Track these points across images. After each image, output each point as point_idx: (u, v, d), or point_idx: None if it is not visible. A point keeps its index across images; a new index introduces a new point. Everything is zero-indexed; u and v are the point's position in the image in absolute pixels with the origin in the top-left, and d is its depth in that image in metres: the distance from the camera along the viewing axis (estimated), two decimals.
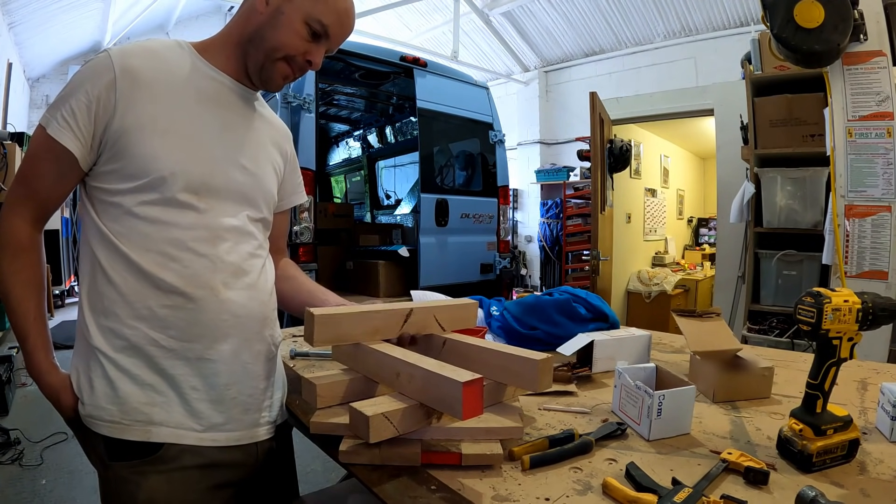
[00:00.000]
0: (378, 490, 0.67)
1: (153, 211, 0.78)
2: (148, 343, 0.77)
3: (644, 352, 1.21)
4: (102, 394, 0.76)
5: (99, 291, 0.78)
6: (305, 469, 2.26)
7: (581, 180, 5.82)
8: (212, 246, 0.81)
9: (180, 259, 0.78)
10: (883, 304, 0.72)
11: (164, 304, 0.77)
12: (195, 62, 0.84)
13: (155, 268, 0.77)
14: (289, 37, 0.82)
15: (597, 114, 3.48)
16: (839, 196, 2.21)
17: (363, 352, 0.85)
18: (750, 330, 2.82)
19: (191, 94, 0.82)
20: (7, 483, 2.22)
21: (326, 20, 0.83)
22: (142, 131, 0.77)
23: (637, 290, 5.38)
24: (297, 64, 0.85)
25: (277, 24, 0.82)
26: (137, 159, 0.77)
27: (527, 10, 5.93)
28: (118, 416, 0.76)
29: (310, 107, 3.01)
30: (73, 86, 0.77)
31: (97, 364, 0.77)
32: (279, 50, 0.83)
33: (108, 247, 0.78)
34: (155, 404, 0.77)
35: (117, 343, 0.77)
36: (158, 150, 0.77)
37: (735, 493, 0.65)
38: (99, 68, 0.77)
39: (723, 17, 4.91)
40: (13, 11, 4.96)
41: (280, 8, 0.81)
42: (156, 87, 0.79)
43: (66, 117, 0.76)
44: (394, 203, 5.68)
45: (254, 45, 0.84)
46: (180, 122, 0.80)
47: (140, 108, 0.77)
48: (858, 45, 2.11)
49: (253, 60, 0.85)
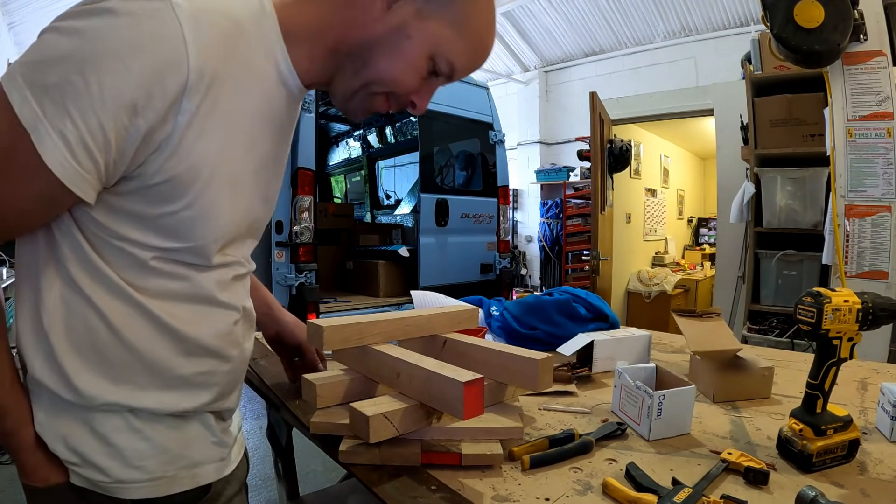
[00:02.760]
0: (378, 490, 0.67)
1: (185, 270, 0.60)
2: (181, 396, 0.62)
3: (644, 352, 1.21)
4: (133, 451, 0.58)
5: (95, 346, 0.56)
6: (305, 469, 2.26)
7: (581, 180, 5.82)
8: (234, 295, 0.67)
9: (211, 316, 0.63)
10: (883, 304, 0.72)
11: (196, 369, 0.62)
12: (277, 55, 0.60)
13: (188, 328, 0.60)
14: (404, 73, 0.62)
15: (597, 114, 3.48)
16: (839, 196, 2.21)
17: (363, 352, 0.85)
18: (750, 330, 2.82)
19: (259, 113, 0.60)
20: (7, 483, 2.22)
21: (460, 62, 0.63)
22: (196, 182, 0.54)
23: (637, 290, 5.38)
24: (399, 102, 0.66)
25: (395, 50, 0.60)
26: (178, 218, 0.55)
27: (527, 10, 5.92)
28: (160, 469, 0.60)
29: (310, 107, 3.01)
30: (106, 72, 0.47)
31: (114, 418, 0.58)
32: (386, 85, 0.62)
33: (117, 296, 0.56)
34: (190, 441, 0.63)
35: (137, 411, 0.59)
36: (209, 210, 0.57)
37: (735, 493, 0.65)
38: (163, 57, 0.48)
39: (723, 17, 4.91)
40: (13, 11, 4.96)
41: (405, 28, 0.59)
42: (231, 103, 0.55)
43: (92, 148, 0.48)
44: (394, 203, 5.68)
45: (354, 63, 0.62)
46: (239, 163, 0.59)
47: (204, 143, 0.54)
48: (858, 45, 2.11)
49: (346, 83, 0.63)
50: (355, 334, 0.83)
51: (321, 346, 0.81)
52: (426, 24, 0.59)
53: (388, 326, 0.87)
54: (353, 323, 0.84)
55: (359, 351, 0.86)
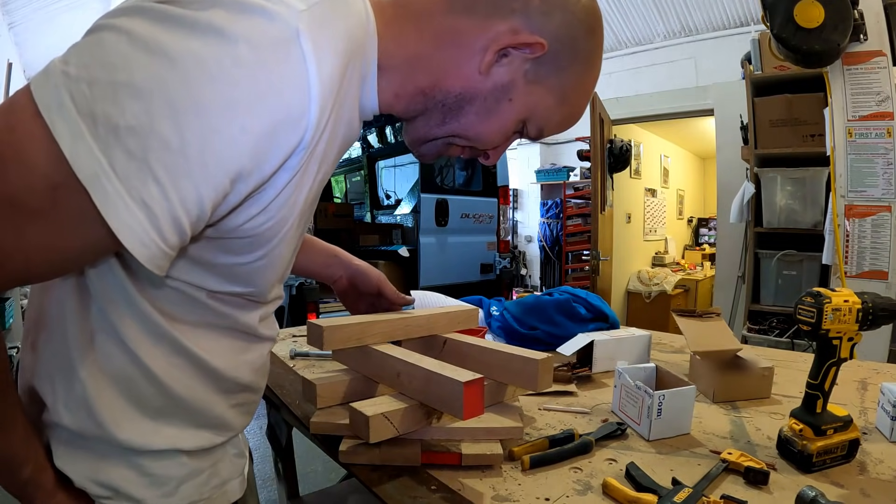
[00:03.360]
0: (378, 490, 0.67)
1: (230, 309, 0.55)
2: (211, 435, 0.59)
3: (644, 352, 1.21)
4: (170, 478, 0.55)
5: (134, 394, 0.51)
6: (305, 469, 2.26)
7: (581, 180, 5.82)
8: (269, 324, 0.63)
9: (250, 350, 0.60)
10: (883, 304, 0.72)
11: (231, 404, 0.59)
12: (368, 83, 0.52)
13: (229, 365, 0.57)
14: (496, 134, 0.57)
15: (597, 114, 3.48)
16: (839, 196, 2.21)
17: (363, 352, 0.85)
18: (750, 330, 2.82)
19: (339, 149, 0.52)
20: None
21: (549, 129, 0.60)
22: (277, 235, 0.49)
23: (637, 290, 5.39)
24: (474, 154, 0.62)
25: (494, 111, 0.55)
26: (248, 269, 0.51)
27: None
28: (196, 493, 0.57)
29: None
30: (220, 147, 0.37)
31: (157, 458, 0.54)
32: (472, 140, 0.58)
33: (158, 340, 0.51)
34: (218, 460, 0.60)
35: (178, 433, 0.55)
36: (276, 259, 0.52)
37: (735, 493, 0.65)
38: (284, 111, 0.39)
39: (723, 17, 4.91)
40: (13, 11, 4.97)
41: (510, 89, 0.54)
42: (326, 149, 0.46)
43: (184, 226, 0.38)
44: (394, 203, 5.68)
45: (443, 113, 0.55)
46: (307, 205, 0.51)
47: (296, 197, 0.47)
48: (858, 45, 2.11)
49: (428, 128, 0.58)
50: (355, 334, 0.83)
51: (321, 346, 0.81)
52: (531, 90, 0.55)
53: (388, 326, 0.87)
54: (353, 323, 0.84)
55: (359, 351, 0.86)
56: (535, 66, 0.53)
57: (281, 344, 1.41)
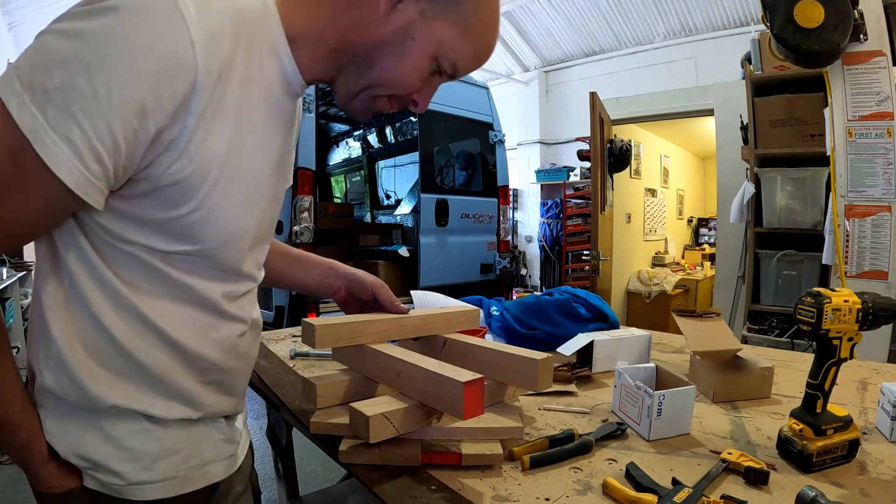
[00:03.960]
0: (378, 490, 0.67)
1: (190, 277, 0.58)
2: (186, 410, 0.62)
3: (644, 352, 1.21)
4: (146, 453, 0.59)
5: (103, 357, 0.56)
6: (305, 469, 2.26)
7: (581, 180, 5.82)
8: (241, 306, 0.66)
9: (218, 328, 0.62)
10: (883, 304, 0.72)
11: (201, 380, 0.62)
12: (281, 52, 0.58)
13: (193, 343, 0.60)
14: (408, 75, 0.61)
15: (597, 114, 3.48)
16: (839, 196, 2.21)
17: (363, 352, 0.85)
18: (750, 330, 2.82)
19: (265, 111, 0.59)
20: (7, 483, 2.22)
21: (462, 63, 0.63)
22: (204, 184, 0.53)
23: (637, 290, 5.38)
24: (401, 102, 0.65)
25: (400, 52, 0.59)
26: (186, 221, 0.54)
27: (527, 10, 5.92)
28: (172, 470, 0.60)
29: (310, 107, 3.01)
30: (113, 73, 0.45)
31: (126, 422, 0.58)
32: (390, 87, 0.62)
33: (127, 313, 0.56)
34: (201, 441, 0.64)
35: (149, 415, 0.59)
36: (217, 212, 0.55)
37: (735, 493, 0.65)
38: (171, 57, 0.47)
39: (723, 17, 4.91)
40: (13, 11, 4.96)
41: (410, 29, 0.58)
42: (237, 100, 0.54)
43: (102, 153, 0.46)
44: (394, 203, 5.68)
45: (357, 64, 0.61)
46: (248, 162, 0.57)
47: (212, 143, 0.52)
48: (858, 45, 2.11)
49: (349, 84, 0.63)
50: (348, 333, 0.83)
51: (313, 345, 0.81)
52: (431, 26, 0.58)
53: (383, 326, 0.87)
54: (346, 322, 0.84)
55: (359, 351, 0.86)
56: (429, 4, 0.58)
57: (281, 344, 1.41)
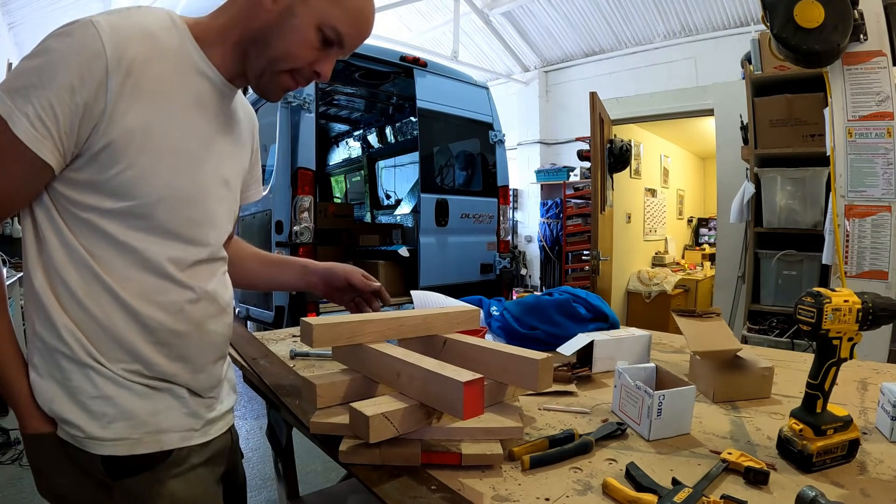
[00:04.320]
0: (378, 490, 0.67)
1: (136, 239, 0.69)
2: (137, 374, 0.72)
3: (644, 352, 1.21)
4: (103, 415, 0.69)
5: (75, 322, 0.69)
6: (305, 469, 2.26)
7: (581, 180, 5.82)
8: (193, 276, 0.75)
9: (165, 292, 0.72)
10: (883, 304, 0.72)
11: (149, 340, 0.71)
12: (191, 51, 0.72)
13: (140, 303, 0.70)
14: (298, 47, 0.72)
15: (597, 114, 3.48)
16: (839, 196, 2.21)
17: (363, 352, 0.85)
18: (750, 330, 2.82)
19: (186, 97, 0.72)
20: (7, 483, 2.22)
21: (343, 28, 0.72)
22: (131, 146, 0.66)
23: (637, 290, 5.38)
24: (304, 75, 0.76)
25: (286, 29, 0.71)
26: (122, 178, 0.67)
27: (527, 10, 5.92)
28: (125, 432, 0.70)
29: (310, 107, 3.01)
30: (52, 70, 0.62)
31: (87, 382, 0.69)
32: (286, 61, 0.73)
33: (84, 271, 0.68)
34: (159, 412, 0.73)
35: (106, 375, 0.70)
36: (147, 171, 0.68)
37: (735, 493, 0.65)
38: (87, 52, 0.63)
39: (723, 17, 4.91)
40: (13, 11, 4.96)
41: (292, 9, 0.70)
42: (153, 86, 0.67)
43: (46, 120, 0.62)
44: (394, 203, 5.68)
45: (256, 48, 0.73)
46: (173, 134, 0.70)
47: (133, 115, 0.66)
48: (858, 45, 2.11)
49: (253, 66, 0.74)
50: (346, 333, 0.84)
51: (311, 344, 0.82)
52: (307, 3, 0.71)
53: (382, 326, 0.87)
54: (344, 321, 0.84)
55: (358, 351, 0.86)
56: None
57: (281, 344, 1.41)
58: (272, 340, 1.44)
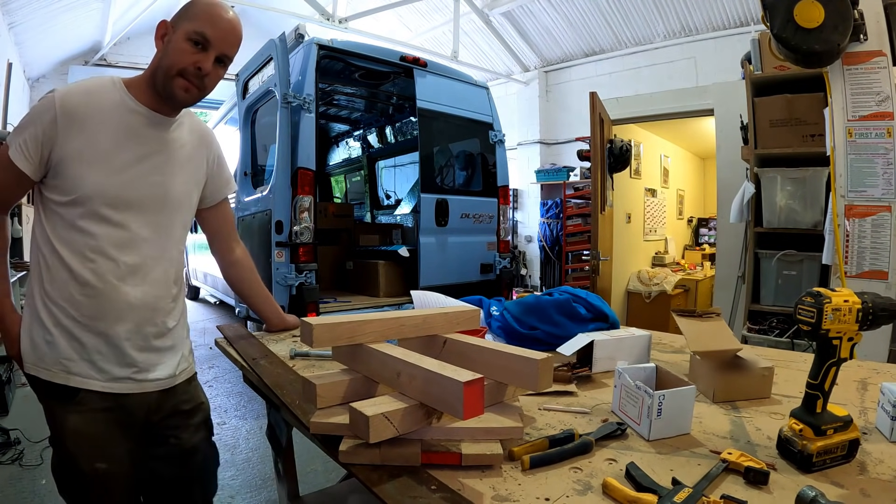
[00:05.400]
0: (378, 490, 0.67)
1: (81, 222, 1.02)
2: (69, 318, 1.03)
3: (644, 352, 1.21)
4: (39, 348, 1.04)
5: (43, 278, 1.05)
6: (305, 469, 2.26)
7: (581, 180, 5.82)
8: (118, 250, 1.05)
9: (94, 260, 1.04)
10: (883, 304, 0.72)
11: (80, 292, 1.03)
12: (122, 98, 1.05)
13: (77, 266, 1.03)
14: (176, 55, 1.02)
15: (597, 114, 3.48)
16: (839, 196, 2.21)
17: (363, 352, 0.85)
18: (750, 330, 2.82)
19: (114, 127, 1.03)
20: (7, 483, 2.22)
21: (204, 30, 1.02)
22: (73, 159, 1.00)
23: (637, 290, 5.38)
24: (190, 73, 1.03)
25: (168, 50, 1.03)
26: (69, 180, 1.01)
27: (527, 10, 5.93)
28: (49, 364, 1.04)
29: (310, 107, 3.00)
30: (28, 120, 1.01)
31: (39, 327, 1.04)
32: (172, 68, 1.02)
33: (49, 246, 1.04)
34: (72, 359, 1.04)
35: (51, 317, 1.04)
36: (84, 175, 1.01)
37: (735, 493, 0.65)
38: (45, 108, 1.00)
39: (723, 17, 4.91)
40: (13, 11, 4.96)
41: (168, 37, 1.04)
42: (87, 122, 1.01)
43: (22, 146, 1.00)
44: (394, 203, 5.68)
45: (157, 73, 1.04)
46: (103, 151, 1.02)
47: (73, 140, 1.00)
48: (858, 45, 2.11)
49: (159, 85, 1.04)
50: (346, 333, 0.84)
51: (311, 344, 0.82)
52: (176, 29, 1.03)
53: (382, 326, 0.87)
54: (344, 322, 0.84)
55: (358, 351, 0.86)
56: (172, 25, 1.05)
57: (281, 344, 1.41)
58: (272, 340, 1.44)
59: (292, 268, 3.00)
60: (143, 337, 1.09)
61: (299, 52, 3.19)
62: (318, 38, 3.22)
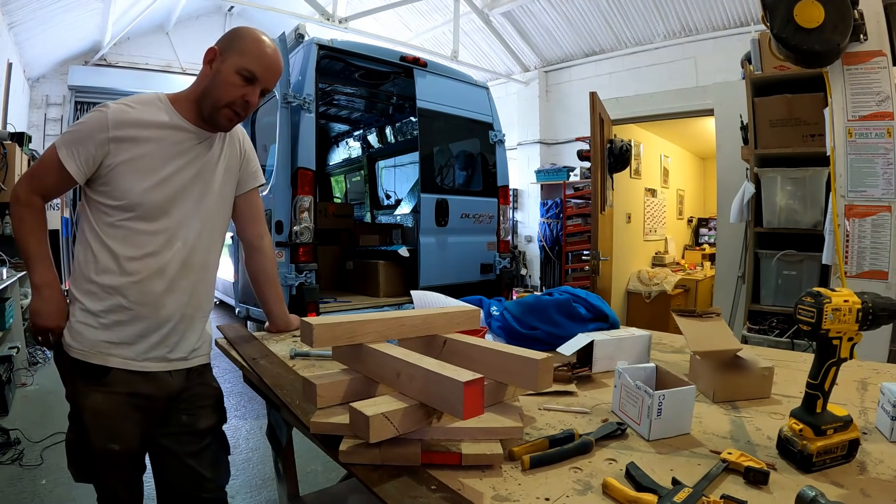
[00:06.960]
0: (378, 490, 0.67)
1: (129, 223, 1.13)
2: (114, 304, 1.12)
3: (644, 352, 1.21)
4: (78, 333, 1.12)
5: (88, 265, 1.13)
6: (305, 469, 2.26)
7: (581, 180, 5.82)
8: (163, 247, 1.15)
9: (139, 257, 1.13)
10: (883, 304, 0.72)
11: (125, 281, 1.12)
12: (170, 114, 1.15)
13: (126, 260, 1.12)
14: (226, 90, 1.12)
15: (597, 114, 3.48)
16: (839, 196, 2.21)
17: (363, 352, 0.85)
18: (750, 330, 2.82)
19: (162, 143, 1.13)
20: (7, 483, 2.22)
21: (253, 67, 1.12)
22: (123, 171, 1.10)
23: (637, 290, 5.38)
24: (238, 106, 1.14)
25: (217, 82, 1.12)
26: (118, 189, 1.11)
27: (527, 10, 5.92)
28: (86, 345, 1.11)
29: (310, 107, 3.00)
30: (82, 135, 1.09)
31: (81, 311, 1.13)
32: (220, 100, 1.13)
33: (97, 240, 1.13)
34: (112, 345, 1.12)
35: (93, 303, 1.12)
36: (133, 186, 1.11)
37: (735, 493, 0.65)
38: (98, 126, 1.09)
39: (723, 17, 4.91)
40: (13, 11, 4.96)
41: (218, 69, 1.13)
42: (138, 138, 1.11)
43: (75, 153, 1.09)
44: (394, 203, 5.68)
45: (203, 100, 1.14)
46: (151, 165, 1.12)
47: (124, 154, 1.10)
48: (858, 45, 2.11)
49: (206, 113, 1.15)
50: (346, 332, 0.84)
51: (311, 344, 0.82)
52: (225, 60, 1.13)
53: (382, 326, 0.87)
54: (345, 321, 0.84)
55: (358, 351, 0.86)
56: (220, 54, 1.14)
57: (281, 344, 1.41)
58: (272, 340, 1.44)
59: (292, 268, 3.00)
60: (180, 327, 1.18)
61: (299, 52, 3.19)
62: (318, 38, 3.22)
